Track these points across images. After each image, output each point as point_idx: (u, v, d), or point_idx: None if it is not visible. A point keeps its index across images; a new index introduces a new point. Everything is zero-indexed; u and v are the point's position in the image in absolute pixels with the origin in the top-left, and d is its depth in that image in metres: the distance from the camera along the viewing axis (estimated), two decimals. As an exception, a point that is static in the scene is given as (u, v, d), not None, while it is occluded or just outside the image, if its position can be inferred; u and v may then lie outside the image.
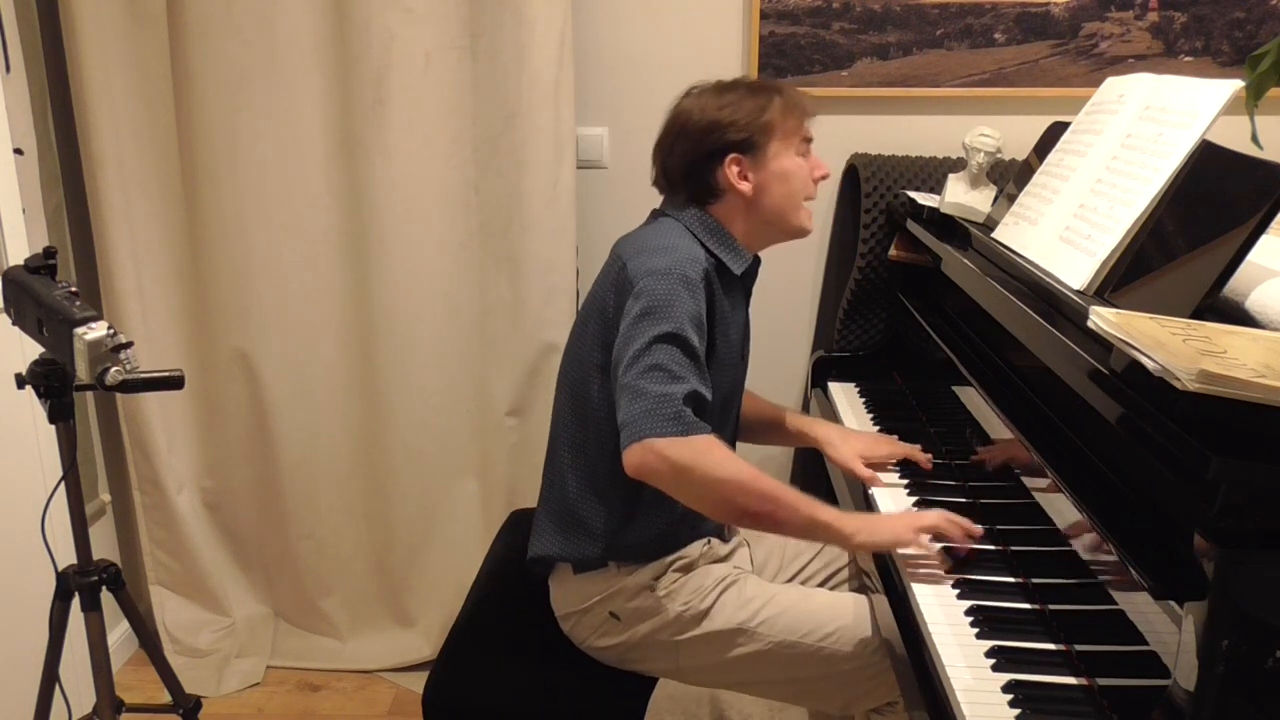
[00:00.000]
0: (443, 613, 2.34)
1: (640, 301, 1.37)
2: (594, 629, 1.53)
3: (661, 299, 1.36)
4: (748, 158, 1.48)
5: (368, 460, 2.34)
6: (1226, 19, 2.12)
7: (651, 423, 1.30)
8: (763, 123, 1.47)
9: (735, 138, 1.47)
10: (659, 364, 1.34)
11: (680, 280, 1.37)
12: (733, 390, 1.59)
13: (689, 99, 1.52)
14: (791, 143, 1.50)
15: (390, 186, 2.14)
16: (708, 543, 1.57)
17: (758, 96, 1.49)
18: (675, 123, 1.52)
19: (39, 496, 1.62)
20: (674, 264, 1.39)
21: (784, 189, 1.51)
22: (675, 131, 1.51)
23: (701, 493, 1.33)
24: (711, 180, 1.49)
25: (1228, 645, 0.88)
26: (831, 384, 2.12)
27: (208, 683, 2.31)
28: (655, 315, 1.35)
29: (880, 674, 1.44)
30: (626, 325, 1.37)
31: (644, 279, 1.38)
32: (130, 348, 1.28)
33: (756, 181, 1.49)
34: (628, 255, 1.45)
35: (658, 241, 1.45)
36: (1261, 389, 0.86)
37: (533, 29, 2.07)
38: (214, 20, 2.06)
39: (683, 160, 1.51)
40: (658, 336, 1.34)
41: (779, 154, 1.49)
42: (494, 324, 2.26)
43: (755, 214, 1.51)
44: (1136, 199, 1.29)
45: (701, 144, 1.49)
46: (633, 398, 1.32)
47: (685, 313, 1.36)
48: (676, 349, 1.34)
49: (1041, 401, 1.39)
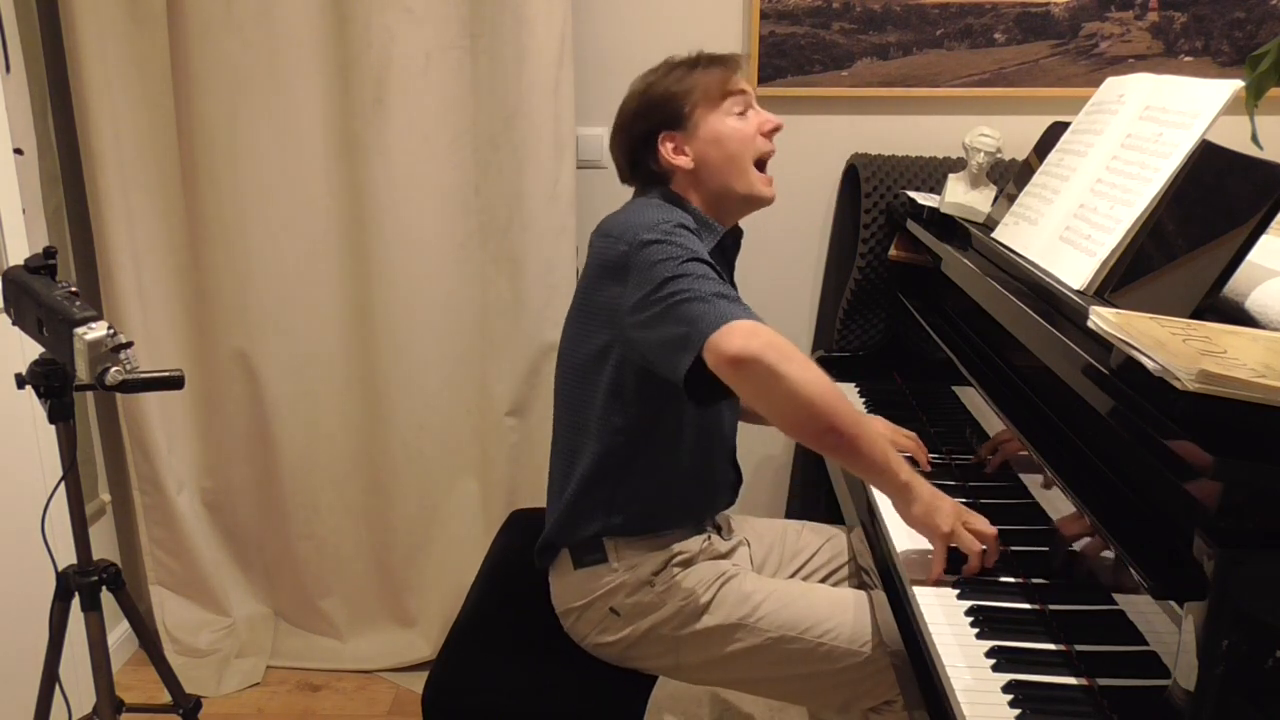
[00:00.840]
0: (443, 613, 2.34)
1: (646, 251, 1.33)
2: (594, 625, 1.53)
3: (665, 240, 1.33)
4: (678, 132, 1.47)
5: (368, 460, 2.34)
6: (1226, 19, 2.12)
7: (731, 309, 1.23)
8: (680, 91, 1.46)
9: (659, 116, 1.47)
10: (691, 272, 1.29)
11: (678, 226, 1.36)
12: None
13: (629, 91, 1.53)
14: (717, 104, 1.48)
15: (390, 186, 2.14)
16: (707, 539, 1.57)
17: (675, 69, 1.49)
18: (616, 118, 1.53)
19: (39, 496, 1.62)
20: (663, 220, 1.37)
21: (721, 153, 1.48)
22: (615, 126, 1.53)
23: (788, 386, 1.22)
24: (655, 165, 1.49)
25: (1228, 645, 0.88)
26: (831, 384, 2.12)
27: (208, 683, 2.31)
28: (666, 252, 1.31)
29: (880, 671, 1.44)
30: (640, 267, 1.32)
31: (645, 233, 1.35)
32: (130, 348, 1.28)
33: (694, 153, 1.48)
34: (611, 228, 1.43)
35: (636, 215, 1.41)
36: (1261, 389, 0.86)
37: (533, 29, 2.07)
38: (214, 20, 2.06)
39: (625, 151, 1.52)
40: (680, 260, 1.30)
41: (706, 118, 1.47)
42: (494, 324, 2.26)
43: (704, 186, 1.50)
44: (1136, 199, 1.29)
45: (633, 130, 1.50)
46: (691, 301, 1.25)
47: (692, 245, 1.34)
48: (699, 263, 1.31)
49: (1041, 401, 1.39)
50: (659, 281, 1.30)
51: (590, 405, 1.49)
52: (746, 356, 1.21)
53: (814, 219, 2.31)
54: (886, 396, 2.04)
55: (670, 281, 1.29)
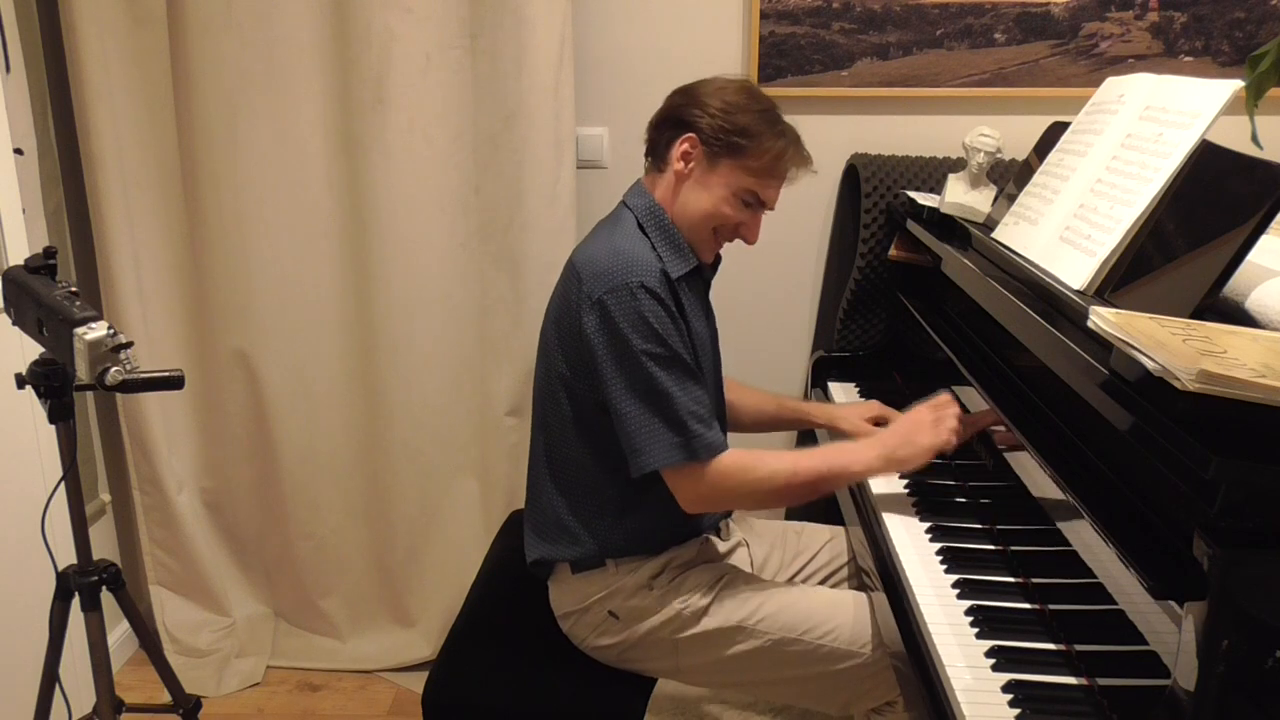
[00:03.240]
0: (443, 613, 2.34)
1: (609, 320, 1.35)
2: (593, 628, 1.53)
3: (628, 313, 1.34)
4: (703, 150, 1.43)
5: (368, 460, 2.34)
6: (1226, 19, 2.12)
7: (674, 453, 1.36)
8: (740, 138, 1.41)
9: (706, 124, 1.42)
10: (654, 384, 1.35)
11: (642, 289, 1.35)
12: (715, 394, 1.56)
13: (727, 79, 1.47)
14: (742, 179, 1.43)
15: (390, 186, 2.14)
16: (705, 540, 1.57)
17: (762, 124, 1.42)
18: (682, 92, 1.48)
19: (39, 496, 1.62)
20: (632, 275, 1.36)
21: (698, 207, 1.45)
22: (677, 95, 1.48)
23: (757, 501, 1.48)
24: (665, 147, 1.47)
25: (1228, 645, 0.88)
26: (831, 384, 2.12)
27: (208, 683, 2.31)
28: (630, 332, 1.34)
29: (879, 672, 1.44)
30: (603, 346, 1.36)
31: (605, 293, 1.36)
32: (130, 347, 1.28)
33: (692, 176, 1.45)
34: (581, 264, 1.42)
35: (609, 250, 1.40)
36: (1261, 389, 0.86)
37: (533, 29, 2.07)
38: (214, 20, 2.06)
39: (665, 110, 1.48)
40: (642, 351, 1.34)
41: (727, 175, 1.43)
42: (494, 324, 2.26)
43: (673, 203, 1.47)
44: (1136, 199, 1.29)
45: (684, 106, 1.45)
46: (642, 427, 1.36)
47: (657, 318, 1.35)
48: (663, 360, 1.35)
49: (1041, 401, 1.39)
50: (625, 380, 1.36)
51: (561, 436, 1.50)
52: (701, 506, 1.43)
53: (814, 219, 2.31)
54: (886, 396, 2.03)
55: (632, 384, 1.36)
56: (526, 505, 1.60)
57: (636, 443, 1.37)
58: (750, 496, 1.43)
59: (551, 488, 1.53)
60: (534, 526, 1.57)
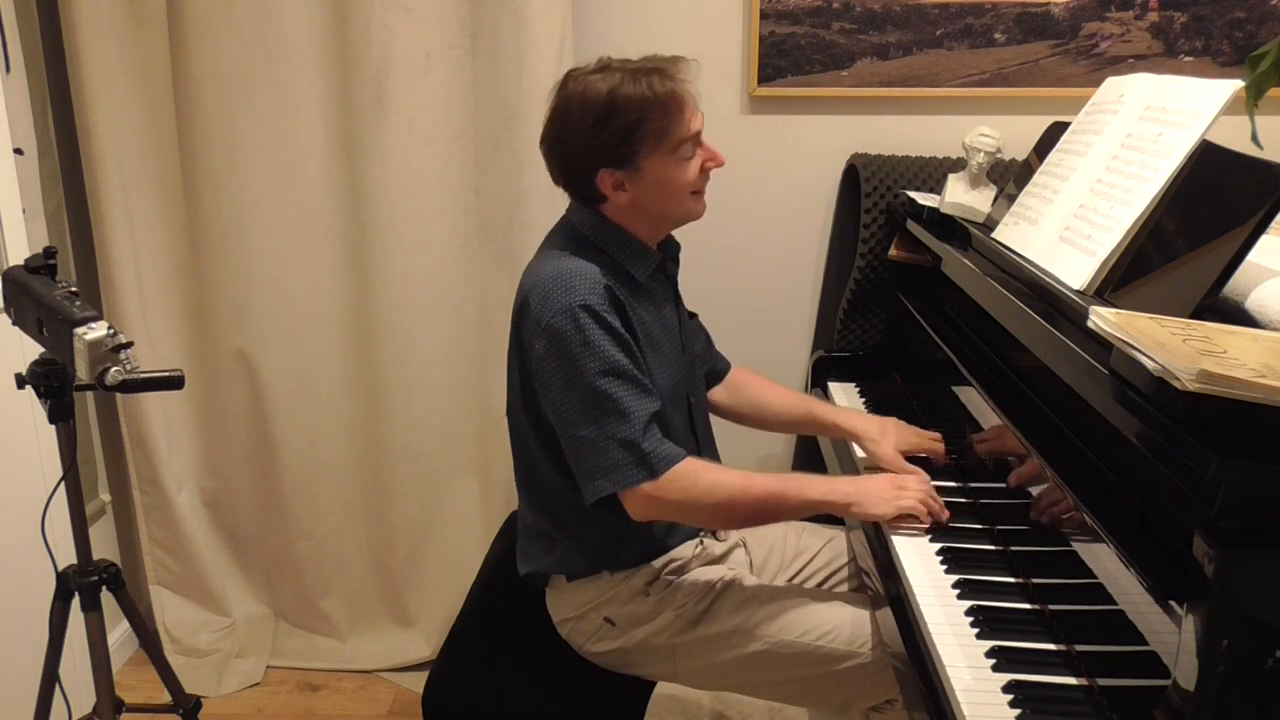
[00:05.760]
0: (443, 613, 2.34)
1: (556, 344, 1.35)
2: (590, 635, 1.53)
3: (573, 336, 1.34)
4: (622, 171, 1.40)
5: (368, 460, 2.34)
6: (1226, 19, 2.12)
7: (630, 473, 1.34)
8: (634, 137, 1.37)
9: (602, 153, 1.39)
10: (604, 406, 1.34)
11: (584, 310, 1.35)
12: (677, 384, 1.53)
13: (566, 97, 1.41)
14: (666, 149, 1.40)
15: (390, 186, 2.14)
16: (700, 543, 1.57)
17: (632, 104, 1.37)
18: (550, 129, 1.43)
19: (39, 496, 1.62)
20: (574, 296, 1.35)
21: (661, 196, 1.44)
22: (549, 140, 1.44)
23: (704, 517, 1.47)
24: (590, 189, 1.44)
25: (1228, 645, 0.88)
26: (831, 384, 2.12)
27: (208, 683, 2.31)
28: (577, 354, 1.34)
29: (878, 672, 1.44)
30: (552, 371, 1.37)
31: (551, 318, 1.36)
32: (130, 348, 1.28)
33: (634, 193, 1.42)
34: (529, 289, 1.42)
35: (553, 272, 1.40)
36: (1261, 389, 0.86)
37: (533, 29, 2.06)
38: (214, 20, 2.06)
39: (559, 171, 1.46)
40: (591, 373, 1.34)
41: (653, 165, 1.40)
42: (494, 324, 2.26)
43: (640, 214, 1.46)
44: (1136, 199, 1.29)
45: (572, 163, 1.43)
46: (596, 451, 1.35)
47: (602, 338, 1.35)
48: (612, 379, 1.35)
49: (1041, 401, 1.39)
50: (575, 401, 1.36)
51: (535, 458, 1.50)
52: (649, 517, 1.41)
53: (814, 219, 2.31)
54: (886, 396, 2.03)
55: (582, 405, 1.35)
56: (517, 519, 1.61)
57: (588, 466, 1.36)
58: (695, 506, 1.39)
59: (534, 504, 1.54)
60: (523, 541, 1.58)
